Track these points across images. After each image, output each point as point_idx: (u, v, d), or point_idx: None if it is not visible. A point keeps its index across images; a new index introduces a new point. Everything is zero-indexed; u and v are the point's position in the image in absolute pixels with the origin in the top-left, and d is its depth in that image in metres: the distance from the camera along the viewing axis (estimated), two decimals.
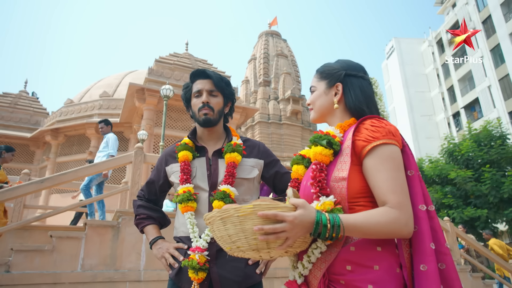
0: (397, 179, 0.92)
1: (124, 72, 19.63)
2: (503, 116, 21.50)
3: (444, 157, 15.24)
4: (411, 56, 32.91)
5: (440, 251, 0.92)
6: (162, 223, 1.56)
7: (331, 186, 0.97)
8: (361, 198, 0.96)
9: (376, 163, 0.94)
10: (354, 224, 0.87)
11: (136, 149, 4.30)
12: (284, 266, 4.21)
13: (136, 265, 3.59)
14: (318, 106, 1.15)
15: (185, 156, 1.46)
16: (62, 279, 3.25)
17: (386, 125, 0.98)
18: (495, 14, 23.30)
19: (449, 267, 0.91)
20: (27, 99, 19.19)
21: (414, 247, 0.92)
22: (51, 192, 14.17)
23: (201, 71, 1.48)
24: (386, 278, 0.88)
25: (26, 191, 3.53)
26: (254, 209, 0.84)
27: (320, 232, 0.86)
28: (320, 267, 0.94)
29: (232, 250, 0.90)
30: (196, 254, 1.28)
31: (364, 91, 1.10)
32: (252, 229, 0.84)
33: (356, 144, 0.98)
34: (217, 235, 0.92)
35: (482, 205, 12.84)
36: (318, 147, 1.04)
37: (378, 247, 0.91)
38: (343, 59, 1.21)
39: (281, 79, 24.97)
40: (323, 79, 1.16)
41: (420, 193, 0.96)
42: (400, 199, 0.90)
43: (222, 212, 0.88)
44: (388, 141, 0.95)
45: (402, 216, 0.88)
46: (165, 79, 13.64)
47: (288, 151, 21.55)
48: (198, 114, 1.45)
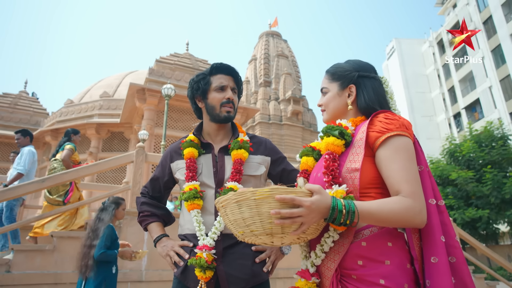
0: (410, 169, 0.93)
1: (125, 72, 19.63)
2: (504, 116, 21.47)
3: (445, 158, 15.21)
4: (411, 57, 32.90)
5: (450, 244, 0.93)
6: (166, 220, 1.54)
7: (343, 177, 0.98)
8: (371, 189, 0.97)
9: (390, 153, 0.95)
10: (368, 211, 0.88)
11: (137, 148, 4.28)
12: (286, 267, 4.19)
13: (138, 265, 3.57)
14: (331, 107, 1.16)
15: (190, 153, 1.43)
16: (63, 279, 3.22)
17: (400, 119, 1.00)
18: (496, 15, 23.28)
19: (459, 260, 0.92)
20: (27, 99, 19.16)
21: (425, 240, 0.93)
22: None
23: (226, 66, 1.46)
24: (397, 273, 0.89)
25: (27, 191, 3.51)
26: (272, 192, 0.83)
27: (335, 217, 0.86)
28: (334, 259, 0.95)
29: (245, 235, 0.89)
30: (203, 252, 1.25)
31: (377, 91, 1.12)
32: (268, 212, 0.83)
33: (370, 136, 0.99)
34: (230, 219, 0.90)
35: (484, 206, 12.80)
36: (330, 138, 1.05)
37: (389, 243, 0.93)
38: (353, 59, 1.21)
39: (282, 79, 24.97)
40: (335, 81, 1.16)
41: (429, 187, 0.97)
42: (414, 188, 0.91)
43: (238, 195, 0.87)
44: (401, 133, 0.97)
45: (416, 205, 0.89)
46: (165, 79, 13.63)
47: (288, 152, 21.52)
48: (220, 109, 1.42)
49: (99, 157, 14.34)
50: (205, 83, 1.45)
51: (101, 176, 14.23)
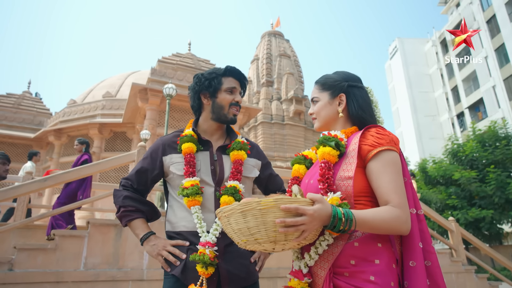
0: (398, 181, 1.03)
1: (127, 72, 19.68)
2: (508, 116, 21.34)
3: (448, 158, 15.13)
4: (414, 56, 32.78)
5: (427, 250, 1.03)
6: (150, 217, 1.46)
7: (336, 185, 1.06)
8: (362, 197, 1.05)
9: (381, 166, 1.03)
10: (364, 219, 0.95)
11: (139, 147, 4.29)
12: (288, 266, 4.18)
13: (139, 264, 3.58)
14: (323, 116, 1.23)
15: (190, 148, 1.41)
16: (65, 277, 3.23)
17: (390, 134, 1.09)
18: (499, 14, 23.15)
19: (434, 264, 1.02)
20: (30, 99, 19.26)
21: (405, 245, 1.02)
22: (54, 192, 14.23)
23: (238, 71, 1.52)
24: (386, 271, 0.97)
25: (29, 189, 3.53)
26: (277, 202, 0.88)
27: (335, 225, 0.93)
28: (328, 259, 1.02)
29: (247, 242, 0.93)
30: (206, 248, 1.26)
31: (364, 100, 1.20)
32: (273, 221, 0.88)
33: (362, 148, 1.07)
34: (234, 228, 0.93)
35: (487, 206, 12.72)
36: (326, 148, 1.12)
37: (378, 243, 1.00)
38: (340, 70, 1.29)
39: (284, 79, 24.96)
40: (325, 90, 1.23)
41: (411, 198, 1.07)
42: (401, 200, 1.00)
43: (243, 205, 0.91)
44: (391, 148, 1.06)
45: (403, 215, 0.98)
46: (167, 79, 13.65)
47: (291, 152, 21.48)
48: (229, 110, 1.47)
49: (102, 156, 14.39)
50: (218, 82, 1.48)
51: (104, 175, 14.28)
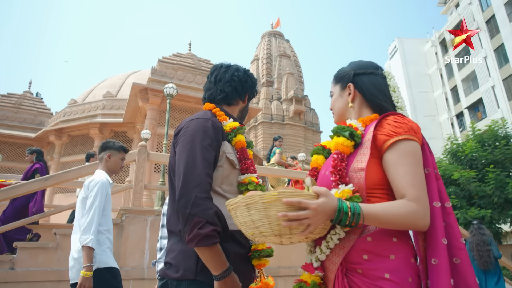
0: (416, 173, 0.96)
1: (128, 72, 19.68)
2: (507, 116, 21.35)
3: (447, 158, 15.14)
4: (414, 56, 32.75)
5: (455, 245, 0.95)
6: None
7: (349, 176, 1.01)
8: (377, 189, 0.99)
9: (397, 157, 0.97)
10: (373, 213, 0.90)
11: (139, 147, 4.31)
12: (288, 265, 4.21)
13: (140, 263, 3.60)
14: (336, 108, 1.22)
15: (242, 142, 1.36)
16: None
17: (409, 122, 1.01)
18: (499, 14, 23.15)
19: (464, 261, 0.94)
20: (31, 99, 19.28)
21: (428, 242, 0.96)
22: (55, 192, 14.25)
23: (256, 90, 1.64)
24: (402, 267, 0.92)
25: (30, 189, 3.55)
26: (279, 196, 0.87)
27: (341, 219, 0.89)
28: (339, 253, 0.97)
29: (255, 235, 0.93)
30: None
31: (374, 85, 1.14)
32: (276, 215, 0.87)
33: (378, 138, 1.01)
34: (240, 221, 0.94)
35: (486, 206, 12.73)
36: (340, 138, 1.07)
37: (393, 238, 0.95)
38: (355, 60, 1.25)
39: (284, 79, 24.97)
40: (337, 83, 1.23)
41: (435, 190, 0.99)
42: (419, 193, 0.93)
43: (247, 199, 0.91)
44: (409, 137, 0.98)
45: (420, 209, 0.91)
46: (168, 79, 13.65)
47: (291, 151, 21.50)
48: (246, 117, 1.61)
49: None
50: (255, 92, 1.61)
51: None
